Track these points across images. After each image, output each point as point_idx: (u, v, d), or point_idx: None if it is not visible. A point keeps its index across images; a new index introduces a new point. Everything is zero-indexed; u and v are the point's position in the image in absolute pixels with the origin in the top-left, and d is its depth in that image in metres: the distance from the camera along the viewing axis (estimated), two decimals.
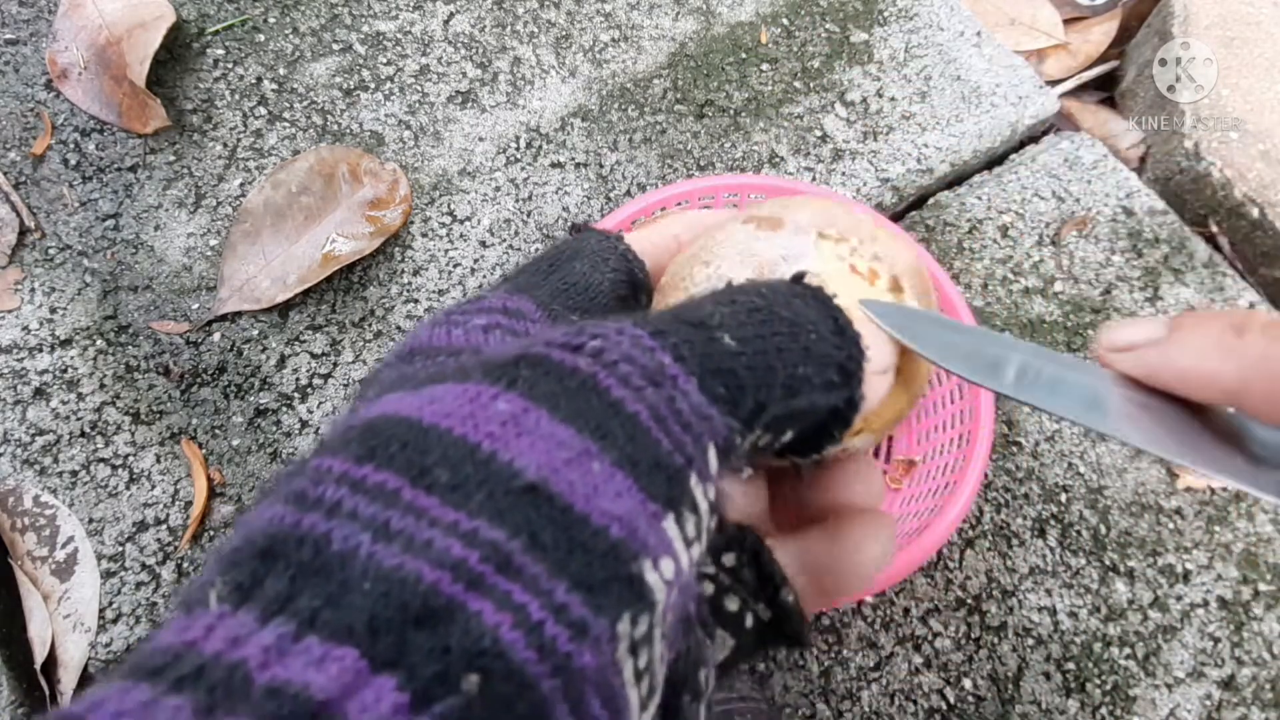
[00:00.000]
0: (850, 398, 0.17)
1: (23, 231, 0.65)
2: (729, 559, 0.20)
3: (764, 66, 0.76)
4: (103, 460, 0.59)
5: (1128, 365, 0.19)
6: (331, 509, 0.12)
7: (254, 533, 0.12)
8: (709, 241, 0.23)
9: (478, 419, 0.13)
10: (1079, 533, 0.59)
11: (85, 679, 0.53)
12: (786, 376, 0.16)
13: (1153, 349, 0.18)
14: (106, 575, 0.55)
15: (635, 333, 0.15)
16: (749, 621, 0.19)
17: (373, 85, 0.73)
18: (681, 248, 0.24)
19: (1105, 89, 0.84)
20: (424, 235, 0.67)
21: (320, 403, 0.61)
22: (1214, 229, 0.73)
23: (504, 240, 0.68)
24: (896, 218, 0.72)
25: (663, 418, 0.14)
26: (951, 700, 0.55)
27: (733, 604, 0.19)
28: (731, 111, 0.73)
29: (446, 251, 0.67)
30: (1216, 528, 0.59)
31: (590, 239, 0.23)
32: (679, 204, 0.58)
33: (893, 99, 0.74)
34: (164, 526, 0.57)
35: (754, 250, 0.22)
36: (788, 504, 0.22)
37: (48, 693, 0.52)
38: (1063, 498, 0.60)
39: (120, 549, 0.56)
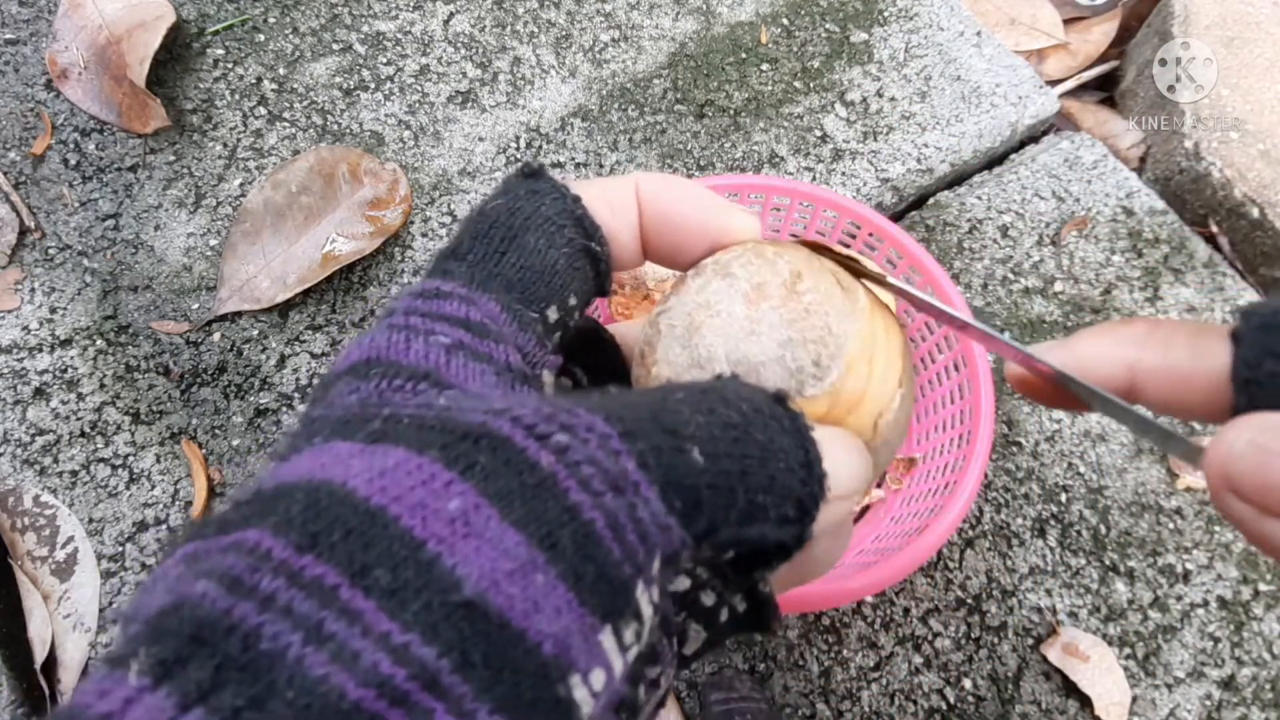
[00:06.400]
0: (800, 535, 0.17)
1: (23, 231, 0.65)
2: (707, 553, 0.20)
3: (764, 66, 0.76)
4: (103, 460, 0.59)
5: (1053, 361, 0.21)
6: (266, 601, 0.12)
7: (184, 605, 0.12)
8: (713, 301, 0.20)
9: (427, 512, 0.13)
10: (1079, 533, 0.59)
11: (85, 679, 0.53)
12: (746, 503, 0.16)
13: (1059, 349, 0.21)
14: (106, 575, 0.55)
15: (606, 431, 0.15)
16: (724, 615, 0.19)
17: (373, 85, 0.73)
18: (644, 208, 0.22)
19: (1105, 89, 0.84)
20: (424, 235, 0.67)
21: None
22: (1214, 229, 0.73)
23: None
24: (896, 218, 0.72)
25: (620, 526, 0.14)
26: (951, 700, 0.55)
27: (709, 599, 0.19)
28: (731, 111, 0.73)
29: None
30: (1216, 528, 0.59)
31: (543, 198, 0.21)
32: None
33: (893, 99, 0.74)
34: (164, 526, 0.57)
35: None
36: None
37: (48, 693, 0.52)
38: (1063, 498, 0.60)
39: (120, 549, 0.56)
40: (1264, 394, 0.17)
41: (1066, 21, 0.84)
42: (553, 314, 0.20)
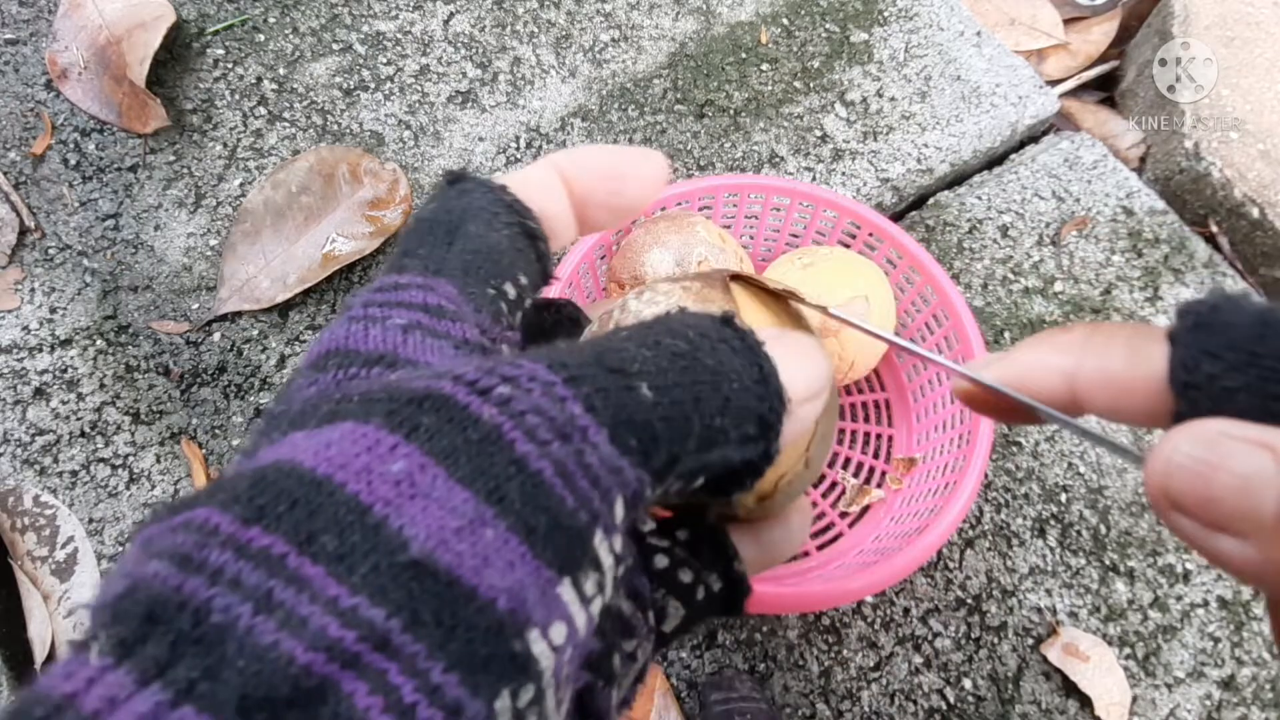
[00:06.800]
0: (766, 450, 0.17)
1: (23, 231, 0.65)
2: (683, 534, 0.20)
3: (764, 66, 0.76)
4: (103, 460, 0.59)
5: (987, 378, 0.21)
6: (214, 575, 0.12)
7: (138, 586, 0.12)
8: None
9: (372, 476, 0.13)
10: (1079, 533, 0.59)
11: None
12: (703, 429, 0.16)
13: (997, 362, 0.21)
14: (106, 575, 0.55)
15: (549, 379, 0.15)
16: (700, 593, 0.20)
17: (373, 85, 0.73)
18: (570, 185, 0.23)
19: (1105, 89, 0.84)
20: None
21: None
22: (1214, 229, 0.73)
23: None
24: (896, 218, 0.72)
25: (569, 474, 0.14)
26: (951, 700, 0.55)
27: (686, 576, 0.20)
28: (731, 111, 0.73)
29: None
30: None
31: (474, 195, 0.22)
32: (679, 204, 0.58)
33: (893, 99, 0.74)
34: None
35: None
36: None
37: None
38: (1063, 498, 0.60)
39: (120, 549, 0.56)
40: (1204, 398, 0.16)
41: (1066, 21, 0.84)
42: (510, 290, 0.21)
